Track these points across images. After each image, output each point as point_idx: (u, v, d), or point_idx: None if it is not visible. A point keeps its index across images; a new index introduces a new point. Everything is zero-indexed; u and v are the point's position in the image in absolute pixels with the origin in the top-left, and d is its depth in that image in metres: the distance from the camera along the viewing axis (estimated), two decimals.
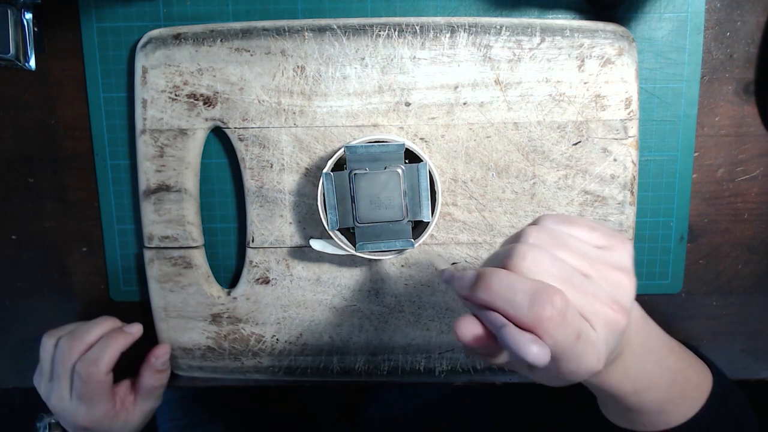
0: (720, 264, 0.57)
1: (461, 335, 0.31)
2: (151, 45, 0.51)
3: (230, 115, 0.51)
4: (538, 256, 0.31)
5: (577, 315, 0.30)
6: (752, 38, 0.53)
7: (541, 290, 0.30)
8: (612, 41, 0.50)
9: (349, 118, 0.51)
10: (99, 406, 0.50)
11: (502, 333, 0.29)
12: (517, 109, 0.51)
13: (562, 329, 0.29)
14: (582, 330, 0.30)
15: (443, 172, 0.52)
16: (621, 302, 0.32)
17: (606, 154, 0.51)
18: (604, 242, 0.34)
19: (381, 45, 0.50)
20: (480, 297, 0.31)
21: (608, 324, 0.31)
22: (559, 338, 0.29)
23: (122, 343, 0.51)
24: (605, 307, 0.31)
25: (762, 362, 0.59)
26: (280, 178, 0.52)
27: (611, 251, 0.33)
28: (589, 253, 0.33)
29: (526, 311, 0.29)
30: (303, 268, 0.54)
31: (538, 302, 0.29)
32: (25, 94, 0.55)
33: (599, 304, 0.31)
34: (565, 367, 0.31)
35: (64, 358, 0.50)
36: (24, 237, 0.58)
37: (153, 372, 0.54)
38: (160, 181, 0.53)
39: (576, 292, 0.31)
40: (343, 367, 0.57)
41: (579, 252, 0.33)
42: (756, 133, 0.54)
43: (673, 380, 0.41)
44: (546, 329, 0.29)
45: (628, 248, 0.34)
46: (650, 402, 0.40)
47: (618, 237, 0.34)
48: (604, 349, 0.31)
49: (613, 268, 0.33)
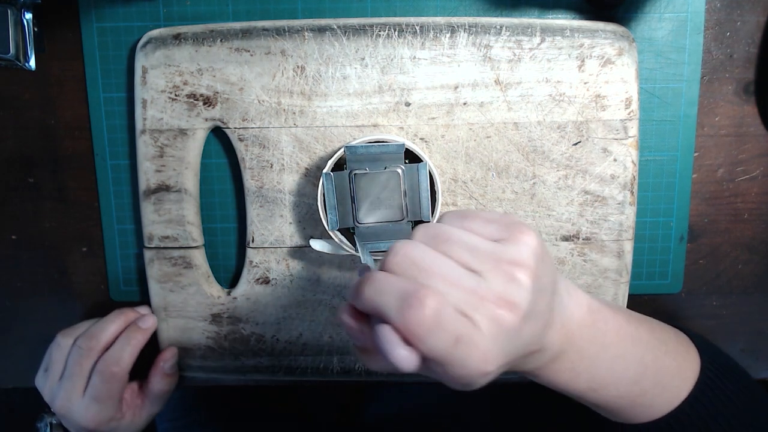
0: (720, 264, 0.57)
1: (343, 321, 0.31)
2: (150, 45, 0.51)
3: (230, 116, 0.51)
4: (412, 250, 0.30)
5: (456, 316, 0.28)
6: (752, 38, 0.53)
7: (410, 292, 0.28)
8: (612, 41, 0.50)
9: (349, 119, 0.51)
10: (110, 407, 0.50)
11: (375, 331, 0.28)
12: (518, 109, 0.51)
13: (436, 334, 0.28)
14: (462, 333, 0.28)
15: (443, 172, 0.52)
16: (511, 299, 0.29)
17: (606, 154, 0.51)
18: (500, 234, 0.32)
19: (381, 45, 0.50)
20: (357, 305, 0.30)
21: (495, 322, 0.29)
22: (433, 343, 0.28)
23: (141, 340, 0.53)
24: (491, 305, 0.29)
25: (762, 362, 0.59)
26: (280, 178, 0.52)
27: (507, 243, 0.31)
28: (479, 247, 0.31)
29: (395, 316, 0.28)
30: (303, 268, 0.54)
31: (406, 306, 0.28)
32: (25, 94, 0.55)
33: (484, 301, 0.29)
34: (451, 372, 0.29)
35: (82, 357, 0.50)
36: (24, 237, 0.58)
37: (162, 376, 0.54)
38: (160, 181, 0.53)
39: (456, 290, 0.29)
40: (343, 366, 0.57)
41: (467, 246, 0.30)
42: (756, 133, 0.54)
43: (641, 372, 0.38)
44: (416, 335, 0.28)
45: (528, 240, 0.31)
46: (616, 398, 0.39)
47: (517, 228, 0.32)
48: (493, 349, 0.29)
49: (505, 262, 0.30)
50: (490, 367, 0.29)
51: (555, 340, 0.35)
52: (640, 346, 0.39)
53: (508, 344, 0.30)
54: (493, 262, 0.30)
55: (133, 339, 0.52)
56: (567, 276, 0.53)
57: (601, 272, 0.53)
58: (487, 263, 0.30)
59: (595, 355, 0.37)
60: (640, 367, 0.39)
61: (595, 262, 0.53)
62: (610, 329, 0.38)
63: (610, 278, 0.53)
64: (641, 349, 0.39)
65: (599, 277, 0.53)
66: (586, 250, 0.53)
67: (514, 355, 0.31)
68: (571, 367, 0.36)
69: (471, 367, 0.29)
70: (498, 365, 0.30)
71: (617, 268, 0.53)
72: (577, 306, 0.36)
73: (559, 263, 0.53)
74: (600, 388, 0.38)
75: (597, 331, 0.37)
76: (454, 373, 0.29)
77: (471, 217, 0.33)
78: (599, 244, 0.53)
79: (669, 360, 0.40)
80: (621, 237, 0.52)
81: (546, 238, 0.53)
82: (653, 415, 0.40)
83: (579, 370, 0.37)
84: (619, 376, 0.38)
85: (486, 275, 0.30)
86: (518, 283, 0.30)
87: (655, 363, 0.39)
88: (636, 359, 0.38)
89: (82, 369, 0.50)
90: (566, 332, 0.35)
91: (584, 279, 0.53)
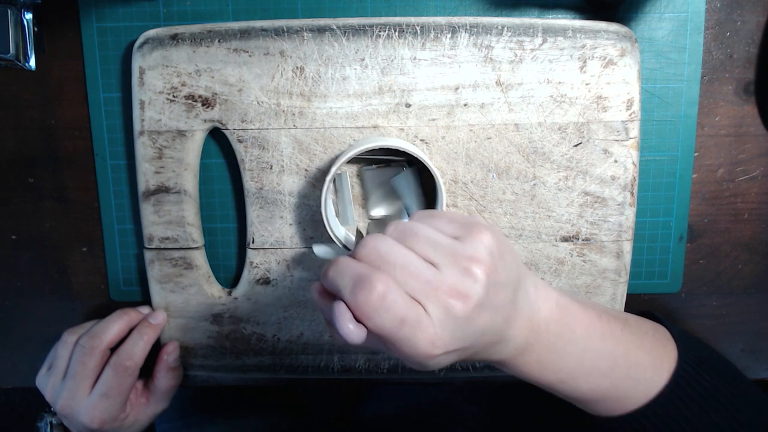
0: (720, 264, 0.57)
1: (313, 297, 0.35)
2: (147, 45, 0.51)
3: (229, 117, 0.51)
4: (378, 244, 0.33)
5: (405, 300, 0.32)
6: (752, 38, 0.53)
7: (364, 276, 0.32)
8: (614, 42, 0.49)
9: (349, 120, 0.51)
10: (118, 404, 0.51)
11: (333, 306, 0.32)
12: (518, 111, 0.51)
13: (381, 313, 0.31)
14: (408, 315, 0.31)
15: (444, 174, 0.52)
16: (463, 290, 0.32)
17: (607, 155, 0.51)
18: (459, 233, 0.35)
19: (381, 45, 0.50)
20: (324, 284, 0.34)
21: (445, 310, 0.32)
22: (378, 322, 0.31)
23: (153, 336, 0.54)
24: (443, 295, 0.32)
25: (762, 362, 0.59)
26: (279, 179, 0.52)
27: (465, 241, 0.34)
28: (440, 243, 0.34)
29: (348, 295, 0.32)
30: (303, 268, 0.54)
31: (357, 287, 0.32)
32: (25, 94, 0.55)
33: (437, 291, 0.32)
34: (400, 350, 0.33)
35: (84, 356, 0.50)
36: (24, 237, 0.58)
37: (167, 370, 0.55)
38: (159, 183, 0.53)
39: (411, 279, 0.32)
40: (343, 365, 0.57)
41: (429, 242, 0.34)
42: (756, 133, 0.54)
43: (611, 366, 0.40)
44: (364, 313, 0.32)
45: (483, 238, 0.34)
46: (587, 391, 0.41)
47: (474, 228, 0.35)
48: (441, 333, 0.32)
49: (462, 257, 0.33)
50: (437, 350, 0.32)
51: (520, 333, 0.37)
52: (610, 340, 0.41)
53: (457, 331, 0.33)
54: (451, 256, 0.33)
55: (145, 334, 0.53)
56: (566, 276, 0.53)
57: (600, 272, 0.53)
58: (445, 258, 0.33)
59: (562, 349, 0.39)
60: (610, 361, 0.40)
61: (594, 263, 0.53)
62: (578, 324, 0.40)
63: (608, 278, 0.53)
64: (611, 343, 0.41)
65: (598, 277, 0.53)
66: (586, 251, 0.53)
67: (468, 342, 0.34)
68: (538, 359, 0.39)
69: (418, 348, 0.32)
70: (446, 349, 0.33)
71: (616, 268, 0.53)
72: (545, 301, 0.39)
73: (559, 263, 0.53)
74: (569, 379, 0.40)
75: (565, 326, 0.39)
76: (402, 351, 0.33)
77: (437, 217, 0.36)
78: (598, 244, 0.53)
79: (642, 354, 0.42)
80: (620, 238, 0.52)
81: (546, 239, 0.53)
82: (627, 407, 0.41)
83: (546, 362, 0.39)
84: (588, 369, 0.40)
85: (443, 269, 0.33)
86: (473, 276, 0.33)
87: (627, 357, 0.41)
88: (606, 353, 0.40)
89: (85, 368, 0.50)
90: (532, 326, 0.38)
91: (583, 279, 0.53)
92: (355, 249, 0.34)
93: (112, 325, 0.52)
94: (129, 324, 0.53)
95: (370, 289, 0.31)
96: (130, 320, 0.54)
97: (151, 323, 0.54)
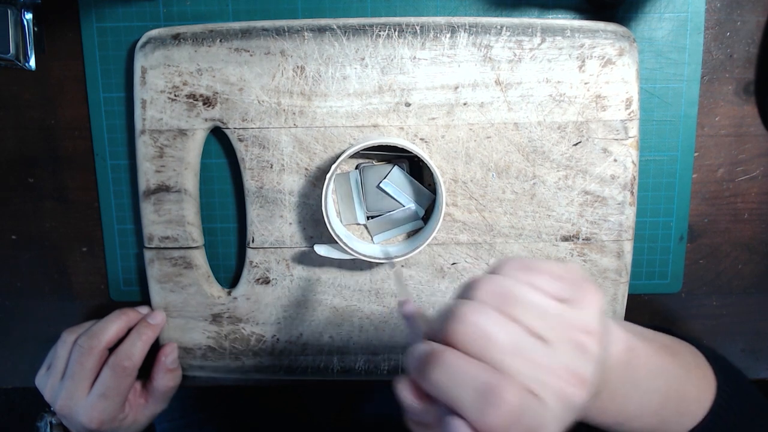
0: (720, 264, 0.57)
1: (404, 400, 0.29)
2: (150, 45, 0.51)
3: (230, 116, 0.51)
4: (482, 319, 0.27)
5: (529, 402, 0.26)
6: (752, 38, 0.53)
7: (490, 388, 0.26)
8: (613, 41, 0.50)
9: (349, 119, 0.51)
10: (116, 404, 0.51)
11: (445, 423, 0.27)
12: (518, 110, 0.51)
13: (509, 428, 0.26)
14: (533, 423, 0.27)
15: (443, 173, 0.52)
16: (580, 373, 0.28)
17: (606, 154, 0.51)
18: (569, 294, 0.29)
19: (381, 45, 0.50)
20: (424, 386, 0.28)
21: (562, 399, 0.27)
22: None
23: (152, 336, 0.53)
24: (560, 381, 0.27)
25: (762, 362, 0.59)
26: (280, 178, 0.52)
27: (576, 306, 0.29)
28: (549, 311, 0.28)
29: (475, 414, 0.26)
30: (303, 268, 0.54)
31: (485, 404, 0.26)
32: (25, 94, 0.55)
33: (553, 376, 0.27)
34: None
35: (83, 356, 0.50)
36: (24, 237, 0.58)
37: (166, 371, 0.55)
38: (159, 182, 0.53)
39: (526, 363, 0.27)
40: (343, 366, 0.57)
41: (536, 310, 0.28)
42: (756, 133, 0.54)
43: (663, 403, 0.38)
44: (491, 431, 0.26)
45: (597, 301, 0.29)
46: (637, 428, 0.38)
47: (586, 288, 0.30)
48: (555, 427, 0.28)
49: (575, 329, 0.28)
50: None
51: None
52: (665, 377, 0.38)
53: (570, 417, 0.29)
54: (562, 329, 0.28)
55: (143, 335, 0.53)
56: None
57: (600, 272, 0.53)
58: (555, 330, 0.28)
59: (626, 394, 0.36)
60: (663, 399, 0.38)
61: (595, 262, 0.53)
62: (641, 364, 0.36)
63: (609, 278, 0.53)
64: (666, 380, 0.38)
65: (599, 277, 0.53)
66: (586, 251, 0.53)
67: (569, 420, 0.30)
68: (601, 405, 0.35)
69: None
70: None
71: (617, 268, 0.53)
72: (615, 345, 0.34)
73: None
74: (626, 421, 0.37)
75: (632, 369, 0.35)
76: None
77: (536, 272, 0.30)
78: (599, 244, 0.53)
79: (690, 386, 0.39)
80: (621, 237, 0.52)
81: (546, 239, 0.53)
82: None
83: (608, 407, 0.35)
84: (645, 409, 0.37)
85: (555, 345, 0.28)
86: (587, 353, 0.28)
87: (677, 392, 0.38)
88: (662, 391, 0.38)
89: (84, 368, 0.50)
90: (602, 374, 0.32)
91: None
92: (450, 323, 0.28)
93: (110, 325, 0.52)
94: (128, 324, 0.53)
95: (502, 404, 0.25)
96: (128, 320, 0.53)
97: (150, 323, 0.54)
